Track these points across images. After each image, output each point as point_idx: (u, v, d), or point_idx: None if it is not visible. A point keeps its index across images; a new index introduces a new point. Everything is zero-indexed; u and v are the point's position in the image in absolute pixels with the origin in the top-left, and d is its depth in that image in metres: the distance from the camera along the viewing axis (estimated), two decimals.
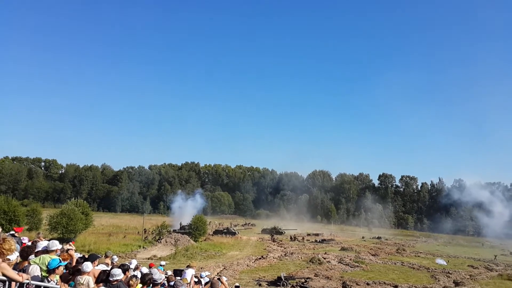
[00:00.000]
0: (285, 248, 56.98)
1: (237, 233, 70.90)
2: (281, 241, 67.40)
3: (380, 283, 35.63)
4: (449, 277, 40.97)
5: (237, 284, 20.14)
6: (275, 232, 78.64)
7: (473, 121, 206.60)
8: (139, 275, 8.74)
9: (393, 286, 34.83)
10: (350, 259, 48.62)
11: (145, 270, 12.65)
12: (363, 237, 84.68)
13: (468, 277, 41.81)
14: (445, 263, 51.32)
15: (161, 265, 16.18)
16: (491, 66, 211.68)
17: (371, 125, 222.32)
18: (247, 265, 41.37)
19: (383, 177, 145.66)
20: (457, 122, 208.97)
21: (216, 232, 70.35)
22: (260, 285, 32.51)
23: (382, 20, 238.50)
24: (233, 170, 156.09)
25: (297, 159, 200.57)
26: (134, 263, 13.44)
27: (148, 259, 38.56)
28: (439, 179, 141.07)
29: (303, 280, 34.32)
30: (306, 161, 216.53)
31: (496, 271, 46.48)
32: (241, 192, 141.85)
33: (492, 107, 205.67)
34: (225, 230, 71.78)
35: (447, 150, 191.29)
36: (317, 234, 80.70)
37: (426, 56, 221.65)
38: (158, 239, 53.21)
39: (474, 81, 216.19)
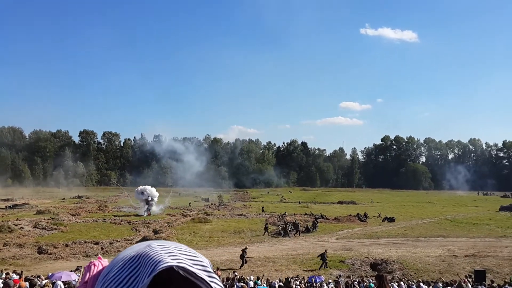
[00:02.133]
0: None
1: None
2: None
3: (80, 242, 34.01)
4: (149, 227, 42.96)
5: None
6: None
7: (170, 79, 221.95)
8: None
9: (94, 243, 33.83)
10: (47, 222, 44.44)
11: None
12: (63, 198, 79.54)
13: (166, 224, 44.98)
14: (146, 214, 53.67)
15: None
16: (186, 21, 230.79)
17: (69, 81, 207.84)
18: None
19: (84, 134, 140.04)
20: (156, 79, 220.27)
21: None
22: None
23: None
24: None
25: None
26: None
27: None
28: (141, 135, 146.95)
29: None
30: None
31: (190, 216, 51.89)
32: None
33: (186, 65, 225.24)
34: None
35: (148, 107, 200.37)
36: (7, 200, 70.97)
37: (120, 12, 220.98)
38: None
39: (175, 37, 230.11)
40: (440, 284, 19.81)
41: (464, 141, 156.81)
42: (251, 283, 18.75)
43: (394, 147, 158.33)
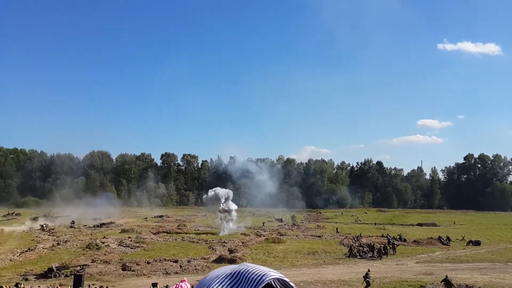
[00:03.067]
0: (58, 237, 51.58)
1: None
2: (52, 229, 60.76)
3: (160, 260, 35.80)
4: (224, 246, 44.11)
5: None
6: (45, 220, 70.49)
7: (241, 103, 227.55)
8: None
9: (173, 261, 35.42)
10: (131, 240, 47.38)
11: None
12: (145, 218, 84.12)
13: (241, 244, 45.91)
14: (223, 234, 55.32)
15: None
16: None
17: (156, 105, 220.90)
18: (10, 260, 35.74)
19: (166, 156, 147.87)
20: (232, 102, 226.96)
21: None
22: (27, 279, 28.40)
23: None
24: None
25: (71, 139, 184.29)
26: None
27: None
28: (218, 157, 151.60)
29: (78, 268, 31.61)
30: (82, 141, 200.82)
31: (264, 236, 52.48)
32: (2, 178, 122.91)
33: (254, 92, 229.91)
34: None
35: (224, 129, 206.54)
36: (95, 219, 76.43)
37: (196, 37, 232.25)
38: None
39: (248, 61, 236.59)
40: None
41: None
42: None
43: (479, 165, 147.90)
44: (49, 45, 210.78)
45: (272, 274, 0.99)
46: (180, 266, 33.88)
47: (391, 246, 41.92)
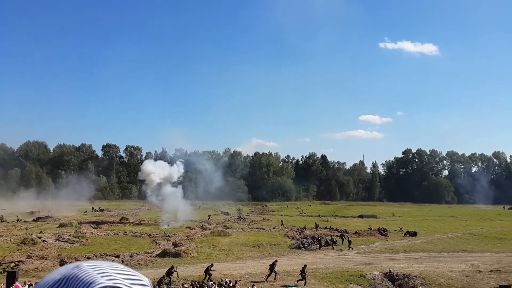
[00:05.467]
0: None
1: None
2: None
3: (101, 255, 34.53)
4: (168, 240, 43.30)
5: None
6: None
7: (187, 95, 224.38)
8: None
9: (115, 256, 34.29)
10: (70, 235, 45.26)
11: None
12: (85, 211, 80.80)
13: (186, 237, 45.25)
14: (167, 227, 54.35)
15: None
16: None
17: (92, 96, 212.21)
18: None
19: (107, 148, 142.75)
20: (177, 93, 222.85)
21: None
22: None
23: None
24: None
25: (5, 129, 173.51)
26: None
27: None
28: (162, 149, 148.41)
29: (12, 265, 29.85)
30: (18, 131, 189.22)
31: (209, 229, 52.06)
32: None
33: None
34: None
35: (168, 121, 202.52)
36: (31, 212, 72.39)
37: (141, 27, 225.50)
38: None
39: (194, 52, 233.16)
40: None
41: (487, 154, 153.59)
42: None
43: (416, 160, 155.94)
44: None
45: (100, 283, 0.79)
46: (122, 261, 32.75)
47: (342, 238, 43.01)
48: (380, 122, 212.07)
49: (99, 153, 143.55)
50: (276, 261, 27.81)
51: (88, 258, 32.98)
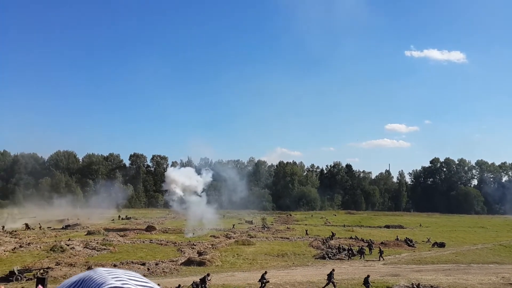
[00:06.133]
0: (20, 239, 49.76)
1: None
2: (15, 231, 58.59)
3: (127, 262, 35.00)
4: (193, 248, 43.64)
5: None
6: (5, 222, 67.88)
7: (212, 104, 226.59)
8: None
9: (141, 264, 34.73)
10: (97, 242, 46.20)
11: None
12: (113, 220, 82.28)
13: (210, 246, 45.50)
14: (192, 236, 54.81)
15: None
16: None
17: (126, 105, 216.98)
18: None
19: (134, 157, 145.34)
20: (203, 103, 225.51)
21: None
22: None
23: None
24: None
25: (36, 138, 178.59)
26: None
27: None
28: (188, 158, 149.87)
29: (41, 271, 30.62)
30: (48, 140, 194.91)
31: (233, 238, 52.20)
32: None
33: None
34: None
35: (195, 130, 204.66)
36: (61, 220, 74.20)
37: (166, 38, 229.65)
38: None
39: (219, 62, 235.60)
40: None
41: None
42: None
43: (444, 169, 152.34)
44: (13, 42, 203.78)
45: (111, 283, 0.85)
46: (148, 269, 33.23)
47: (368, 247, 42.86)
48: (406, 130, 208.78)
49: (127, 163, 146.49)
50: (333, 270, 27.68)
51: (115, 266, 33.53)
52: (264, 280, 25.88)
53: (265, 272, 26.81)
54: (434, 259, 39.38)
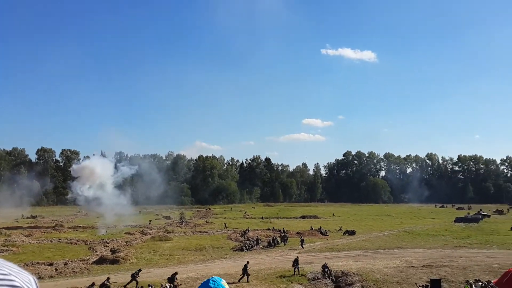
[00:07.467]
0: None
1: None
2: None
3: (33, 264, 32.50)
4: (106, 246, 41.65)
5: None
6: None
7: (128, 97, 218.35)
8: None
9: (48, 264, 32.41)
10: None
11: None
12: (16, 219, 75.86)
13: (125, 243, 43.74)
14: (105, 233, 52.34)
15: None
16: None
17: (26, 99, 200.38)
18: None
19: (42, 152, 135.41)
20: (118, 95, 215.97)
21: None
22: None
23: None
24: None
25: None
26: None
27: None
28: (101, 152, 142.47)
29: None
30: None
31: (150, 234, 50.68)
32: None
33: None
34: None
35: (109, 124, 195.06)
36: None
37: (84, 27, 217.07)
38: None
39: (138, 54, 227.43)
40: None
41: (421, 156, 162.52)
42: None
43: (356, 162, 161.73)
44: None
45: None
46: (56, 269, 31.09)
47: (282, 238, 43.92)
48: (322, 125, 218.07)
49: (33, 158, 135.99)
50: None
51: None
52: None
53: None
54: (345, 246, 41.49)
